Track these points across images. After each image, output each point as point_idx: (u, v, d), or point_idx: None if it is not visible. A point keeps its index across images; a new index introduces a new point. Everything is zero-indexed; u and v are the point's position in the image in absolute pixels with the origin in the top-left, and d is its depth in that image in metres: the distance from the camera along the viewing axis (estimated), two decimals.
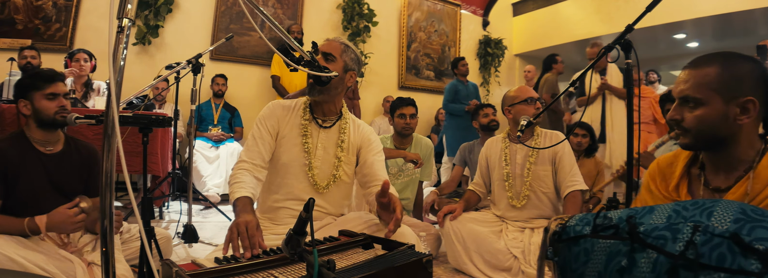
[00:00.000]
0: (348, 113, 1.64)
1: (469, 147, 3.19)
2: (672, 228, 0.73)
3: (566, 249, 0.84)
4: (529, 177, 2.11)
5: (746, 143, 1.00)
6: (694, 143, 1.03)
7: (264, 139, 1.52)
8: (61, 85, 1.58)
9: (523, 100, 2.14)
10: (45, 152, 1.56)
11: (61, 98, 1.56)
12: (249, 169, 1.45)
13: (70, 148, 1.63)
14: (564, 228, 0.86)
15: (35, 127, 1.55)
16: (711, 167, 1.06)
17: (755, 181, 0.96)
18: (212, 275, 0.87)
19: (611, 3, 5.80)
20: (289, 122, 1.56)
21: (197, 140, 3.87)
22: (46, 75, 1.57)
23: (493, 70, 6.80)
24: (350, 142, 1.59)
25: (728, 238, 0.67)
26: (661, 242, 0.72)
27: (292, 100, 1.64)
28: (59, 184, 1.56)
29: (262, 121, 1.55)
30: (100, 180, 0.66)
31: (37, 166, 1.52)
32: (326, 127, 1.57)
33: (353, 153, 1.60)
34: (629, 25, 1.27)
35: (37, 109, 1.53)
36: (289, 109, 1.59)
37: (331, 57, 1.51)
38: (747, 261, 0.64)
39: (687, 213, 0.75)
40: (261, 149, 1.50)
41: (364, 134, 1.63)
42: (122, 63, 0.70)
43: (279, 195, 1.55)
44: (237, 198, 1.32)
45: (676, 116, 1.02)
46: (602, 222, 0.82)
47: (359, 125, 1.65)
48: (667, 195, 1.11)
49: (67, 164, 1.60)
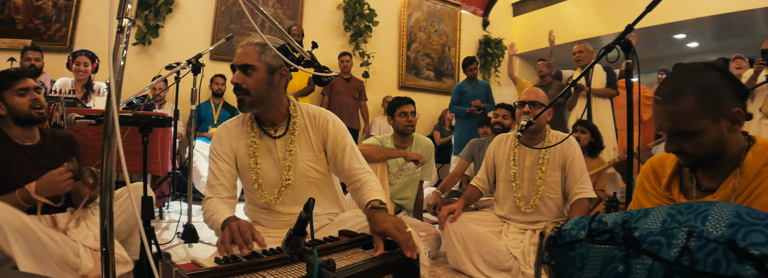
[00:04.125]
0: (297, 109, 1.50)
1: (479, 143, 3.17)
2: (667, 233, 0.73)
3: (562, 253, 0.84)
4: (542, 186, 2.08)
5: (733, 144, 1.01)
6: (697, 162, 1.04)
7: (222, 170, 1.45)
8: (29, 80, 1.63)
9: (520, 102, 2.13)
10: (24, 145, 1.62)
11: (32, 92, 1.61)
12: (216, 202, 1.40)
13: (46, 138, 1.70)
14: (560, 232, 0.86)
15: (13, 124, 1.60)
16: (701, 168, 1.08)
17: (742, 178, 0.98)
18: (212, 275, 0.87)
19: (611, 3, 5.80)
20: (241, 140, 1.48)
21: (197, 140, 3.87)
22: (12, 73, 1.63)
23: (493, 70, 6.80)
24: (311, 140, 1.50)
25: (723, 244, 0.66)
26: (656, 247, 0.72)
27: (238, 117, 1.54)
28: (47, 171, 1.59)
29: (214, 152, 1.48)
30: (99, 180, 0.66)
31: (21, 157, 1.58)
32: (278, 136, 1.47)
33: (319, 149, 1.51)
34: (629, 25, 1.27)
35: (10, 106, 1.58)
36: (238, 127, 1.50)
37: (251, 68, 1.37)
38: (742, 267, 0.63)
39: (682, 217, 0.74)
40: (222, 181, 1.44)
41: (322, 126, 1.51)
42: (122, 63, 0.70)
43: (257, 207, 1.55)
44: (223, 221, 1.26)
45: (675, 147, 1.02)
46: (597, 226, 0.81)
47: (315, 116, 1.52)
48: (661, 193, 1.13)
49: (48, 152, 1.66)
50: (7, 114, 1.58)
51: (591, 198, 2.06)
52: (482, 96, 4.60)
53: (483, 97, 4.60)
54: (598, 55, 1.35)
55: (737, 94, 0.98)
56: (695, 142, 0.98)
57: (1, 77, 1.61)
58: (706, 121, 0.96)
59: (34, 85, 1.64)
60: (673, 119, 0.98)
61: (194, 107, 2.77)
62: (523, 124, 1.73)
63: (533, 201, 2.09)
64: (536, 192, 2.08)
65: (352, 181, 1.45)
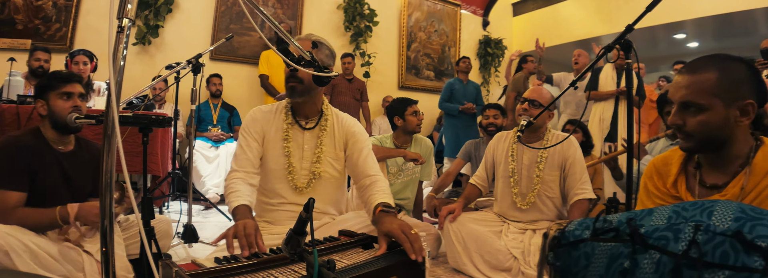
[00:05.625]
0: (329, 109, 1.64)
1: (476, 144, 3.18)
2: (673, 228, 0.73)
3: (566, 253, 0.84)
4: (538, 184, 2.09)
5: (742, 141, 1.02)
6: (696, 146, 1.04)
7: (251, 146, 1.54)
8: (77, 85, 1.62)
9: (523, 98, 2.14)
10: (59, 150, 1.60)
11: (75, 98, 1.60)
12: (242, 178, 1.47)
13: (80, 148, 1.68)
14: (563, 233, 0.86)
15: (50, 127, 1.59)
16: (707, 165, 1.08)
17: (751, 176, 0.98)
18: (212, 275, 0.87)
19: (611, 3, 5.80)
20: (272, 125, 1.58)
21: (197, 140, 3.87)
22: (63, 75, 1.62)
23: (493, 70, 6.80)
24: (335, 138, 1.61)
25: (731, 236, 0.67)
26: (663, 242, 0.72)
27: (274, 104, 1.65)
28: (73, 182, 1.60)
29: (246, 130, 1.57)
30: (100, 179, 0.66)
31: (53, 162, 1.56)
32: (309, 128, 1.59)
33: (340, 148, 1.62)
34: (629, 25, 1.27)
35: (52, 108, 1.57)
36: (271, 113, 1.61)
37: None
38: (750, 258, 0.64)
39: (687, 213, 0.75)
40: (250, 156, 1.53)
41: (348, 128, 1.63)
42: (122, 63, 0.70)
43: (270, 198, 1.59)
44: (235, 207, 1.34)
45: (678, 121, 1.03)
46: (602, 225, 0.82)
47: (343, 119, 1.65)
48: (665, 192, 1.12)
49: (80, 162, 1.64)
50: (47, 115, 1.58)
51: (590, 199, 2.07)
52: (472, 95, 4.61)
53: (472, 97, 4.61)
54: (597, 55, 1.35)
55: (757, 91, 0.99)
56: (699, 120, 0.99)
57: (51, 77, 1.60)
58: (718, 101, 0.97)
59: (80, 92, 1.62)
60: (688, 89, 1.00)
61: (194, 107, 2.77)
62: (523, 124, 1.74)
63: (529, 198, 2.10)
64: (533, 190, 2.09)
65: (362, 179, 1.52)
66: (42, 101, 1.58)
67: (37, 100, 1.59)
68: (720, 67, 0.98)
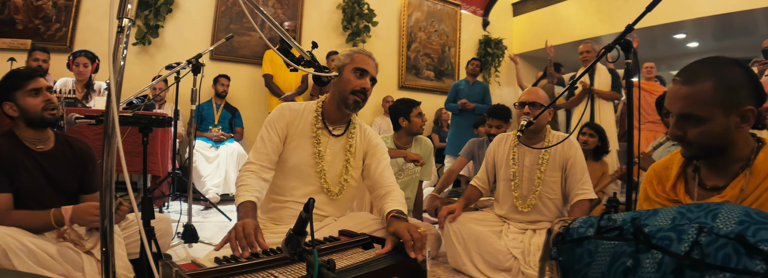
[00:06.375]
0: (356, 119, 1.69)
1: (479, 143, 3.18)
2: (677, 229, 0.74)
3: (569, 250, 0.84)
4: (539, 186, 2.08)
5: (742, 143, 1.01)
6: (697, 154, 1.04)
7: (272, 141, 1.55)
8: (41, 80, 1.55)
9: (519, 103, 2.12)
10: (36, 150, 1.55)
11: (44, 92, 1.54)
12: (256, 171, 1.47)
13: (61, 146, 1.62)
14: (567, 229, 0.86)
15: (24, 126, 1.53)
16: (706, 168, 1.08)
17: (751, 178, 0.98)
18: (212, 275, 0.87)
19: (611, 3, 5.79)
20: (298, 125, 1.59)
21: (197, 140, 3.87)
22: (24, 73, 1.55)
23: (493, 70, 6.79)
24: (357, 148, 1.64)
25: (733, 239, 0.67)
26: (666, 242, 0.73)
27: (302, 103, 1.66)
28: (56, 181, 1.56)
29: (271, 124, 1.57)
30: (100, 179, 0.66)
31: (31, 163, 1.51)
32: (336, 134, 1.62)
33: (360, 158, 1.65)
34: (629, 25, 1.27)
35: (23, 108, 1.51)
36: (299, 112, 1.61)
37: (373, 80, 1.61)
38: (752, 262, 0.65)
39: (691, 214, 0.75)
40: (269, 151, 1.53)
41: (370, 139, 1.68)
42: (122, 63, 0.70)
43: (284, 196, 1.57)
44: (241, 203, 1.34)
45: (679, 132, 1.02)
46: (606, 224, 0.82)
47: (365, 130, 1.70)
48: (665, 196, 1.12)
49: (61, 161, 1.59)
50: (18, 115, 1.52)
51: (591, 200, 2.06)
52: (478, 95, 4.65)
53: (479, 96, 4.65)
54: (598, 55, 1.35)
55: (755, 94, 0.97)
56: (700, 131, 0.98)
57: (13, 77, 1.53)
58: (717, 111, 0.95)
59: (47, 85, 1.56)
60: (685, 101, 0.98)
61: (194, 107, 2.77)
62: (523, 124, 1.73)
63: (530, 200, 2.09)
64: (534, 192, 2.09)
65: (378, 189, 1.55)
66: (9, 103, 1.51)
67: (4, 103, 1.51)
68: (716, 75, 0.96)
